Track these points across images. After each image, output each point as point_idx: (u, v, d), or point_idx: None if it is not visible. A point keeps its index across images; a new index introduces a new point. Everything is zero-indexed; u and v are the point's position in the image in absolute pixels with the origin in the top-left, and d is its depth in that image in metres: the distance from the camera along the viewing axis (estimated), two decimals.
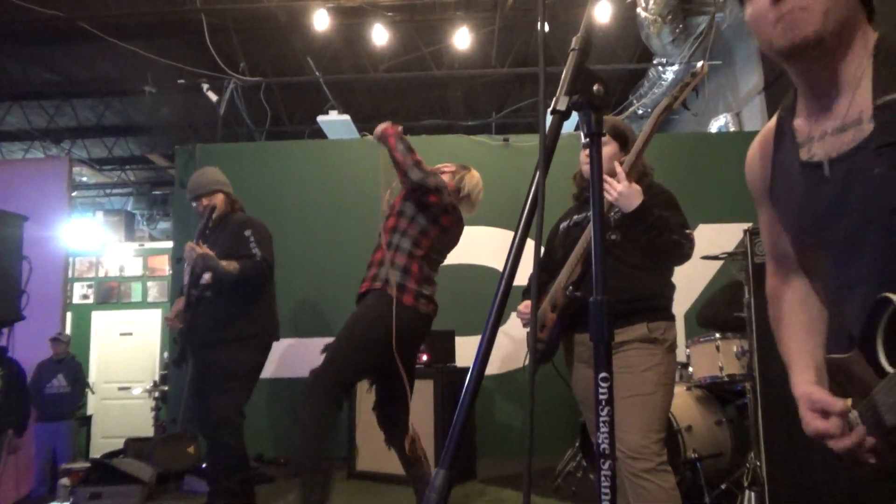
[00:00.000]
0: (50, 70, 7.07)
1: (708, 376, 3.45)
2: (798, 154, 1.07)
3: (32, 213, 4.58)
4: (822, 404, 1.04)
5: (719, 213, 5.05)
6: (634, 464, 2.09)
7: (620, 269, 2.22)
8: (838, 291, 1.10)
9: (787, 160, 1.11)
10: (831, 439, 1.03)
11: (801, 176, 1.07)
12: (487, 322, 0.83)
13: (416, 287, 2.86)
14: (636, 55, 6.92)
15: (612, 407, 0.87)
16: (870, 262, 0.99)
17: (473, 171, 3.18)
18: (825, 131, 1.03)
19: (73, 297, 8.90)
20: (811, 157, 1.05)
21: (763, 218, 1.25)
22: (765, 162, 1.18)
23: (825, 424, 1.03)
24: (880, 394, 0.92)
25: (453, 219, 3.02)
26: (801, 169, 1.07)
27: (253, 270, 3.32)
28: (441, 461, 0.78)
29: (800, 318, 1.21)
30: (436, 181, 2.89)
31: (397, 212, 2.96)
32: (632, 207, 2.10)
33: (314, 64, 6.49)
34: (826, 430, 1.02)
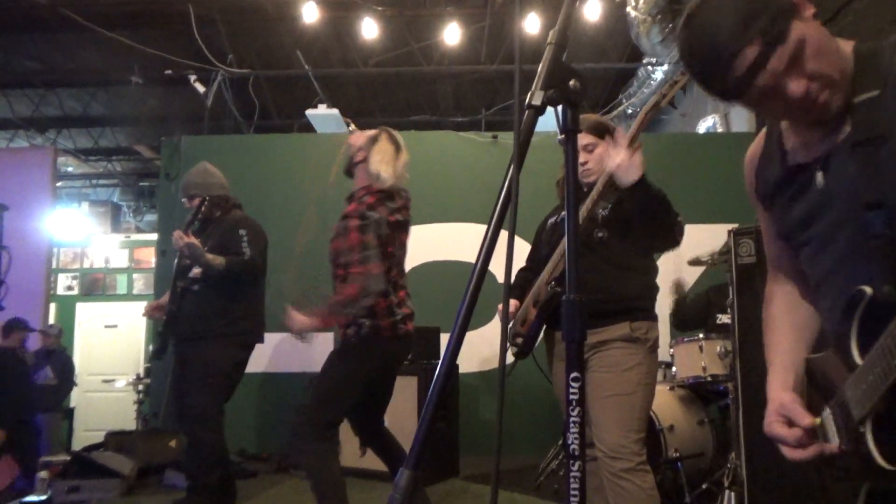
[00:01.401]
0: (34, 59, 6.97)
1: (691, 376, 3.46)
2: (786, 158, 1.11)
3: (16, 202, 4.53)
4: (790, 413, 1.06)
5: (706, 213, 5.06)
6: (614, 463, 2.09)
7: (605, 269, 2.21)
8: (815, 289, 1.12)
9: (776, 165, 1.14)
10: (786, 447, 1.05)
11: (788, 179, 1.11)
12: (456, 321, 0.82)
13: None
14: (625, 54, 6.92)
15: (582, 407, 0.85)
16: (841, 256, 1.02)
17: (384, 139, 2.75)
18: (811, 136, 1.06)
19: (57, 288, 8.82)
20: (797, 160, 1.09)
21: (763, 226, 1.29)
22: (756, 169, 1.22)
23: (786, 431, 1.05)
24: (850, 388, 0.93)
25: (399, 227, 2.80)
26: (788, 172, 1.11)
27: (239, 268, 3.30)
28: (406, 461, 0.76)
29: (788, 322, 1.23)
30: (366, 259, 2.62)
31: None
32: (630, 180, 2.02)
33: (303, 57, 6.44)
34: (783, 437, 1.05)
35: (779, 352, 1.19)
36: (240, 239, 3.35)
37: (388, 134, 2.77)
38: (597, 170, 2.27)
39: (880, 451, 0.87)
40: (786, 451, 1.05)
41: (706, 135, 5.99)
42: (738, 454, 2.85)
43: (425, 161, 5.50)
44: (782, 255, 1.24)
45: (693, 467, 3.31)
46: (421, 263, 5.31)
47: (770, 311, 1.26)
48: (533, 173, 3.37)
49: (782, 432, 1.05)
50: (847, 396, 0.93)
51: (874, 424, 0.88)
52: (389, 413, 4.13)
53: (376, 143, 2.71)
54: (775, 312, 1.25)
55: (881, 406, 0.86)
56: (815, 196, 1.05)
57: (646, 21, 5.47)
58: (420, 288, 5.29)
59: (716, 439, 3.49)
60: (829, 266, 1.05)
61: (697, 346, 3.45)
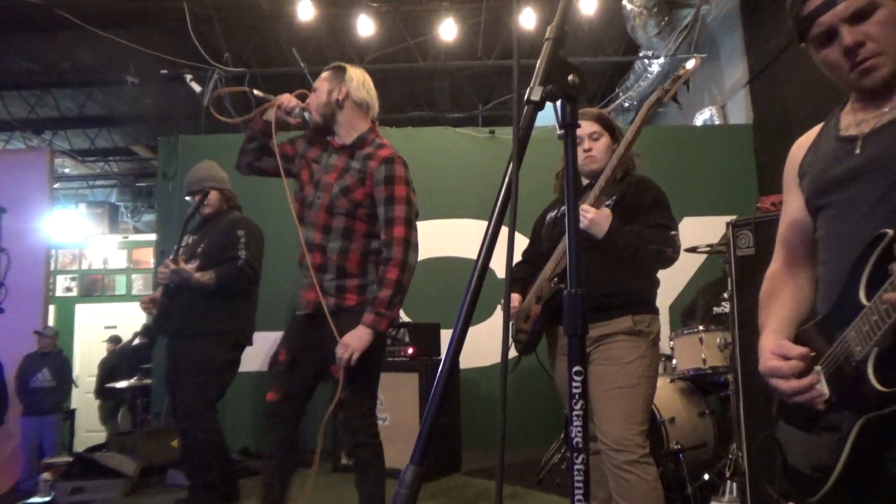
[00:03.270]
0: (29, 59, 6.95)
1: (691, 368, 3.47)
2: (837, 133, 1.20)
3: (13, 205, 4.53)
4: (785, 349, 1.13)
5: (704, 206, 5.07)
6: (617, 456, 2.11)
7: (605, 264, 2.21)
8: (827, 250, 1.20)
9: (825, 140, 1.24)
10: (780, 379, 1.11)
11: (832, 148, 1.20)
12: (458, 318, 0.82)
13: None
14: (622, 48, 6.91)
15: (585, 401, 0.86)
16: (865, 217, 1.09)
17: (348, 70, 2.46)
18: (867, 116, 1.15)
19: (56, 289, 8.82)
20: (848, 133, 1.18)
21: (787, 209, 1.34)
22: (805, 149, 1.30)
23: (780, 363, 1.12)
24: (853, 329, 1.01)
25: None
26: (834, 143, 1.20)
27: (231, 277, 3.31)
28: (412, 457, 0.77)
29: (786, 296, 1.30)
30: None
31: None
32: (602, 233, 2.10)
33: (299, 54, 6.43)
34: (779, 367, 1.12)
35: (773, 318, 1.27)
36: (237, 240, 3.35)
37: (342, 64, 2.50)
38: (600, 158, 2.29)
39: (879, 381, 0.97)
40: (781, 384, 1.12)
41: (703, 127, 5.98)
42: (740, 445, 2.87)
43: (423, 157, 5.50)
44: (795, 233, 1.31)
45: (694, 459, 3.32)
46: (420, 260, 5.29)
47: (775, 286, 1.34)
48: (531, 167, 3.37)
49: (778, 363, 1.12)
50: (849, 338, 1.02)
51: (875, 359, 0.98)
52: (391, 409, 4.15)
53: (345, 72, 2.43)
54: (780, 287, 1.33)
55: (884, 342, 0.96)
56: (853, 162, 1.13)
57: (642, 14, 5.47)
58: (419, 285, 5.27)
59: (717, 430, 3.50)
60: (850, 226, 1.12)
61: (697, 338, 3.46)
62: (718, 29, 5.98)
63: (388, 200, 2.32)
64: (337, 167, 2.39)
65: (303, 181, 2.48)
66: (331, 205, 2.34)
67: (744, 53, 5.52)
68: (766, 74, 5.15)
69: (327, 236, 2.35)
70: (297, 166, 2.52)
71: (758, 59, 5.29)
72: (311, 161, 2.48)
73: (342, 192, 2.33)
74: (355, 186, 2.34)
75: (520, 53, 1.05)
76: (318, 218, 2.36)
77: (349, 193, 2.33)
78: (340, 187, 2.34)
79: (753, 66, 5.39)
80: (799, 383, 1.09)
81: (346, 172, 2.36)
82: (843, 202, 1.15)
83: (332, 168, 2.40)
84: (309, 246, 2.37)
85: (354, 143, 2.40)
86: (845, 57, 1.10)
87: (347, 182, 2.34)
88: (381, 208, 2.34)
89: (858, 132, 1.15)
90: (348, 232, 2.35)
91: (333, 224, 2.35)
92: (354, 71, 2.45)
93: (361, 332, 2.25)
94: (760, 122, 5.30)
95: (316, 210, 2.37)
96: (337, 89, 2.39)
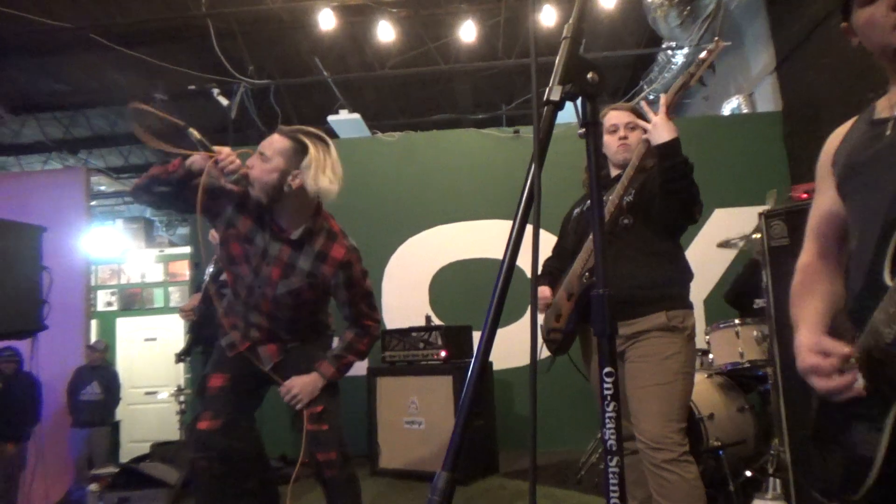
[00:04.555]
0: (61, 81, 7.15)
1: (728, 363, 3.40)
2: (871, 118, 1.19)
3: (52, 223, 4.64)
4: (826, 346, 1.10)
5: (734, 196, 4.98)
6: (656, 454, 2.07)
7: (634, 256, 2.19)
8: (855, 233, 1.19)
9: (859, 126, 1.23)
10: (821, 377, 1.09)
11: (864, 132, 1.19)
12: (486, 320, 0.82)
13: None
14: (644, 40, 6.83)
15: (617, 402, 0.85)
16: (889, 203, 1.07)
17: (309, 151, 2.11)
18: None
19: (97, 304, 9.03)
20: (881, 116, 1.16)
21: (819, 199, 1.32)
22: (840, 138, 1.28)
23: (820, 360, 1.09)
24: (880, 312, 1.00)
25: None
26: (866, 127, 1.19)
27: None
28: (444, 463, 0.77)
29: (823, 289, 1.28)
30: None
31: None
32: (662, 139, 2.04)
33: (321, 64, 6.50)
34: (819, 365, 1.09)
35: (809, 313, 1.25)
36: None
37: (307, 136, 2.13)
38: (635, 147, 2.26)
39: None
40: (820, 382, 1.09)
41: (731, 116, 5.88)
42: (781, 440, 2.81)
43: (447, 160, 5.51)
44: (825, 226, 1.30)
45: (735, 455, 3.26)
46: (448, 263, 5.32)
47: (801, 280, 1.32)
48: (556, 164, 3.35)
49: (818, 361, 1.09)
50: (876, 320, 1.00)
51: None
52: (426, 413, 4.17)
53: (306, 154, 2.10)
54: (807, 281, 1.31)
55: None
56: (882, 143, 1.12)
57: (662, 5, 5.40)
58: (449, 287, 5.33)
59: (757, 426, 3.43)
60: (876, 208, 1.10)
61: (734, 332, 3.40)
62: (742, 16, 5.87)
63: (352, 301, 2.29)
64: (281, 261, 2.18)
65: (233, 255, 2.23)
66: (275, 300, 2.23)
67: (769, 39, 5.41)
68: (794, 59, 5.03)
69: (274, 322, 2.31)
70: (222, 232, 2.22)
71: (784, 44, 5.17)
72: (243, 237, 2.19)
73: (289, 294, 2.20)
74: (303, 290, 2.21)
75: (540, 51, 1.05)
76: (263, 306, 2.26)
77: (297, 296, 2.21)
78: (287, 288, 2.19)
79: (780, 52, 5.27)
80: (839, 381, 1.06)
81: (291, 271, 2.18)
82: (870, 185, 1.13)
83: (275, 261, 2.18)
84: (254, 324, 2.32)
85: (301, 236, 2.17)
86: (891, 11, 1.06)
87: (295, 284, 2.19)
88: (346, 308, 2.31)
89: (891, 114, 1.13)
90: (295, 320, 2.33)
91: (279, 314, 2.30)
92: (315, 153, 2.10)
93: (314, 382, 2.25)
94: (789, 109, 5.18)
95: (257, 298, 2.25)
96: (291, 175, 2.09)
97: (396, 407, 4.26)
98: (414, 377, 4.26)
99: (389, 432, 4.27)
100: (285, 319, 2.31)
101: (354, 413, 4.45)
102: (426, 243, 5.35)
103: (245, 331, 2.34)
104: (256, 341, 2.34)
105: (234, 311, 2.38)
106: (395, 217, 5.36)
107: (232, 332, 2.37)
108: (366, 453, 4.36)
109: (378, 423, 4.32)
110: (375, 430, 4.33)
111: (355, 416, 4.44)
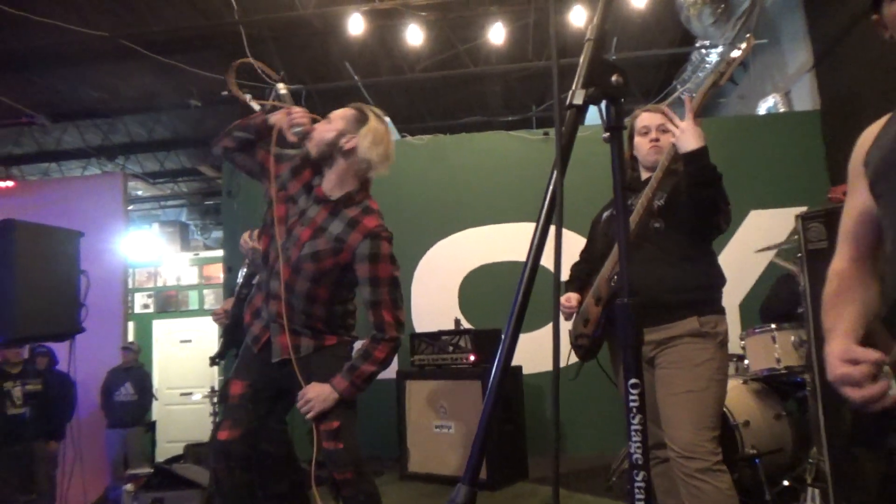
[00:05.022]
0: (99, 89, 7.33)
1: (765, 368, 3.32)
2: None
3: (91, 228, 4.75)
4: (856, 354, 1.06)
5: (771, 198, 4.86)
6: (688, 464, 2.02)
7: (666, 260, 2.16)
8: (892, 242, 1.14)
9: (892, 124, 1.19)
10: (852, 387, 1.04)
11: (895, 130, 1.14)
12: (508, 325, 0.80)
13: None
14: (677, 39, 6.72)
15: (643, 415, 0.82)
16: None
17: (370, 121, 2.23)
18: None
19: (134, 306, 9.24)
20: None
21: (852, 201, 1.28)
22: (872, 137, 1.24)
23: (850, 369, 1.04)
24: None
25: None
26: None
27: None
28: (463, 476, 0.75)
29: (858, 296, 1.23)
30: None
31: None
32: (689, 147, 2.01)
33: (352, 68, 6.54)
34: (850, 374, 1.04)
35: (843, 321, 1.19)
36: None
37: (371, 110, 2.27)
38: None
39: None
40: (853, 392, 1.04)
41: (767, 115, 5.74)
42: (820, 449, 2.72)
43: (477, 162, 5.49)
44: (858, 228, 1.26)
45: (772, 464, 3.17)
46: (479, 266, 5.29)
47: (833, 287, 1.27)
48: (586, 166, 3.31)
49: (848, 370, 1.05)
50: None
51: None
52: (455, 417, 4.15)
53: (366, 123, 2.22)
54: (839, 288, 1.26)
55: None
56: None
57: (696, 3, 5.30)
58: (479, 290, 5.30)
59: (795, 434, 3.34)
60: None
61: (770, 337, 3.31)
62: (778, 13, 5.73)
63: (373, 282, 2.16)
64: (314, 223, 2.20)
65: (276, 216, 2.27)
66: (297, 264, 2.18)
67: (806, 36, 5.27)
68: (832, 57, 4.89)
69: (290, 295, 2.20)
70: (276, 193, 2.29)
71: (822, 42, 5.03)
72: (289, 198, 2.27)
73: (311, 257, 2.17)
74: (326, 255, 2.17)
75: (572, 52, 1.03)
76: (284, 272, 2.19)
77: (318, 260, 2.16)
78: (311, 250, 2.17)
79: (818, 50, 5.13)
80: (872, 390, 1.01)
81: (321, 233, 2.18)
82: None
83: (309, 222, 2.21)
84: (273, 294, 2.22)
85: (340, 199, 2.22)
86: None
87: (319, 247, 2.17)
88: (366, 289, 2.18)
89: None
90: (311, 298, 2.20)
91: (296, 286, 2.19)
92: (376, 124, 2.22)
93: (328, 394, 2.13)
94: (828, 108, 5.04)
95: (283, 262, 2.20)
96: (347, 137, 2.19)
97: (426, 411, 4.26)
98: (443, 381, 4.25)
99: (419, 436, 4.27)
100: (302, 294, 2.19)
101: (384, 416, 4.46)
102: (456, 246, 5.34)
103: (265, 306, 2.26)
104: (273, 328, 2.24)
105: (259, 288, 2.34)
106: (425, 220, 5.35)
107: (254, 324, 2.30)
108: (395, 457, 4.36)
109: (407, 427, 4.32)
110: (405, 433, 4.33)
111: (385, 419, 4.45)
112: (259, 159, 2.31)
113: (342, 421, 2.18)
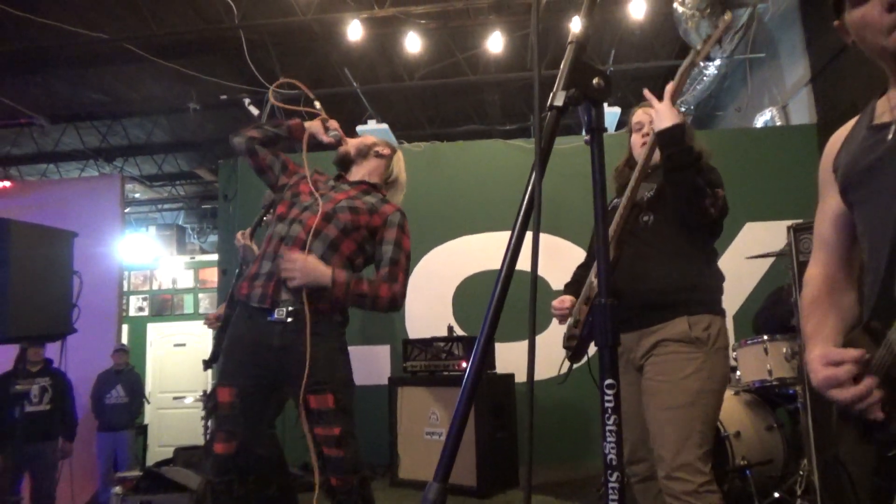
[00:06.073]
0: (99, 91, 7.35)
1: (756, 380, 3.32)
2: (870, 122, 1.15)
3: (88, 229, 4.75)
4: (836, 356, 1.06)
5: (767, 210, 4.88)
6: (673, 485, 1.92)
7: (653, 255, 2.07)
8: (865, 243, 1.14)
9: (858, 130, 1.18)
10: (837, 388, 1.04)
11: (864, 137, 1.14)
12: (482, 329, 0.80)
13: None
14: (675, 51, 6.76)
15: (618, 415, 0.82)
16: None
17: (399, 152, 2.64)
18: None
19: (129, 309, 9.22)
20: (882, 120, 1.12)
21: (825, 207, 1.27)
22: (842, 143, 1.23)
23: (834, 370, 1.04)
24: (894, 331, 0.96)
25: None
26: (866, 132, 1.14)
27: None
28: (435, 474, 0.75)
29: (828, 304, 1.23)
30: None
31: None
32: (663, 125, 1.93)
33: (351, 74, 6.56)
34: (834, 375, 1.04)
35: (823, 328, 1.20)
36: None
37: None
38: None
39: None
40: (839, 393, 1.04)
41: (764, 129, 5.76)
42: (811, 460, 2.72)
43: (475, 171, 5.50)
44: (833, 233, 1.25)
45: (762, 475, 3.17)
46: (473, 273, 5.29)
47: (810, 293, 1.27)
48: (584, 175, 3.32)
49: (832, 371, 1.05)
50: (891, 339, 0.96)
51: None
52: (446, 424, 4.13)
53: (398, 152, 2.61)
54: (816, 294, 1.26)
55: None
56: (884, 149, 1.08)
57: (694, 16, 5.33)
58: (473, 298, 5.30)
59: (786, 445, 3.33)
60: (885, 217, 1.06)
61: (762, 348, 3.31)
62: (776, 27, 5.77)
63: (398, 245, 2.32)
64: (348, 193, 2.38)
65: (300, 191, 2.37)
66: (332, 213, 2.24)
67: (804, 50, 5.30)
68: (829, 71, 4.92)
69: (314, 239, 2.19)
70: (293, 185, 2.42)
71: (820, 56, 5.07)
72: (316, 181, 2.42)
73: (349, 209, 2.28)
74: (362, 212, 2.31)
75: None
76: (311, 220, 2.21)
77: (355, 213, 2.28)
78: (350, 204, 2.30)
79: (815, 64, 5.16)
80: (857, 389, 1.01)
81: (357, 199, 2.35)
82: (877, 192, 1.07)
83: (343, 191, 2.39)
84: (286, 238, 2.21)
85: (369, 183, 2.47)
86: (887, 12, 1.00)
87: (357, 204, 2.32)
88: (389, 247, 2.30)
89: (892, 118, 1.07)
90: (335, 244, 2.22)
91: (325, 230, 2.21)
92: (402, 160, 2.59)
93: (319, 272, 2.11)
94: (825, 122, 5.07)
95: (311, 213, 2.24)
96: (383, 148, 2.52)
97: (417, 417, 4.24)
98: (435, 388, 4.24)
99: (410, 443, 4.26)
100: (327, 241, 2.21)
101: (375, 423, 4.44)
102: (451, 253, 5.34)
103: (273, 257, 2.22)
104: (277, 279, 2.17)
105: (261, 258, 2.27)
106: (421, 227, 5.34)
107: (255, 285, 2.21)
108: (386, 463, 4.35)
109: (399, 434, 4.31)
110: (396, 440, 4.31)
111: (376, 425, 4.43)
112: (282, 158, 2.51)
113: (343, 427, 2.17)
